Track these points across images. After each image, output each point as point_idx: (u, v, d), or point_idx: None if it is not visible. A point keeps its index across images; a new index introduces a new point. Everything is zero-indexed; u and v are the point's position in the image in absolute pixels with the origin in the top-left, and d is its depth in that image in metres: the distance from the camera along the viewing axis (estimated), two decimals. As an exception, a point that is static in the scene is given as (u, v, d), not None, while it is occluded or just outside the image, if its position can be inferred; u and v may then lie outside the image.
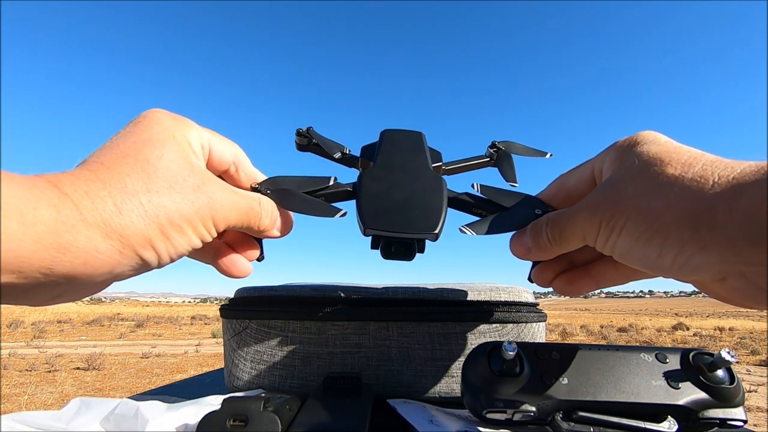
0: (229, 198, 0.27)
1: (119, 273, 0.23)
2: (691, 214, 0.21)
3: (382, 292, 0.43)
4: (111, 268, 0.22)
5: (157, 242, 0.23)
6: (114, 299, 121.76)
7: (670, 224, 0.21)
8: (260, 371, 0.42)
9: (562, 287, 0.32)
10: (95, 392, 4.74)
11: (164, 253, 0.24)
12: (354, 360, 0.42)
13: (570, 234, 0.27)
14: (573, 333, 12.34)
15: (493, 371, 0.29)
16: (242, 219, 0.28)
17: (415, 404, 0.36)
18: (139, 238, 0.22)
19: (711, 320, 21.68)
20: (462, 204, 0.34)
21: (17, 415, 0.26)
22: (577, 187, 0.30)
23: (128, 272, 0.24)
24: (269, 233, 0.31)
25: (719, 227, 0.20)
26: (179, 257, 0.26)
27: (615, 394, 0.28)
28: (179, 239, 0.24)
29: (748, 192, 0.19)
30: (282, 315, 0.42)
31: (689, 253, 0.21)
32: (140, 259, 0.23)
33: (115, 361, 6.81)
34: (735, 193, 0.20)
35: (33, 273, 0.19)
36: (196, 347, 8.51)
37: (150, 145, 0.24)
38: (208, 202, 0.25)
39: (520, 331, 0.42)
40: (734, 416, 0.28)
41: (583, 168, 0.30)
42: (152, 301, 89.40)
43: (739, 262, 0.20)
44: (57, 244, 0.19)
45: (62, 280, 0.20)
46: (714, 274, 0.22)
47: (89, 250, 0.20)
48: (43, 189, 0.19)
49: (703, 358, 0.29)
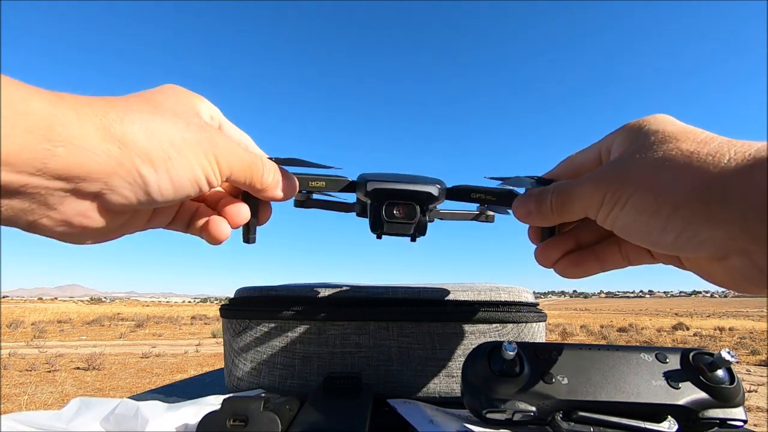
0: (234, 147, 0.26)
1: (117, 190, 0.22)
2: (703, 188, 0.20)
3: (382, 292, 0.43)
4: (108, 176, 0.21)
5: (158, 160, 0.22)
6: (114, 299, 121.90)
7: (680, 197, 0.21)
8: (260, 371, 0.42)
9: (567, 268, 0.31)
10: (95, 392, 4.74)
11: (164, 176, 0.23)
12: (354, 360, 0.42)
13: (573, 203, 0.27)
14: (573, 333, 12.33)
15: (493, 371, 0.29)
16: (245, 171, 0.27)
17: (415, 404, 0.36)
18: (139, 150, 0.22)
19: (711, 320, 21.68)
20: (462, 192, 0.34)
21: (17, 415, 0.26)
22: (584, 164, 0.30)
23: (126, 193, 0.22)
24: (271, 192, 0.30)
25: (731, 202, 0.19)
26: (181, 193, 0.24)
27: (615, 394, 0.28)
28: (181, 163, 0.23)
29: (763, 168, 0.19)
30: (282, 315, 0.42)
31: (696, 228, 0.21)
32: (138, 175, 0.22)
33: (115, 361, 6.81)
34: (750, 169, 0.19)
35: (26, 167, 0.18)
36: (196, 347, 8.51)
37: (158, 93, 0.25)
38: (212, 141, 0.25)
39: (520, 331, 0.42)
40: (734, 416, 0.28)
41: (591, 148, 0.30)
42: (152, 301, 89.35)
43: (747, 238, 0.20)
44: (50, 135, 0.19)
45: (58, 182, 0.20)
46: (716, 251, 0.21)
47: (85, 148, 0.20)
48: (39, 90, 0.19)
49: (703, 358, 0.29)
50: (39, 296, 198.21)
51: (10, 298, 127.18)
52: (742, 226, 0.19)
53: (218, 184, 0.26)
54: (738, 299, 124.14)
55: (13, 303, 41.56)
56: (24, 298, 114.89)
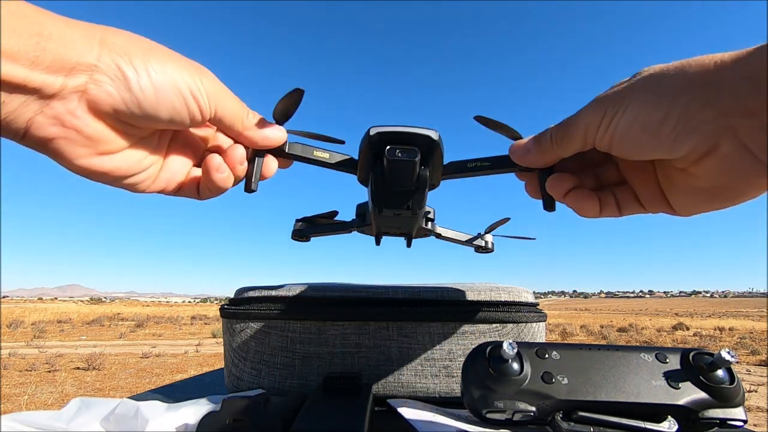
0: (222, 86, 0.28)
1: (100, 84, 0.23)
2: (701, 77, 0.22)
3: (382, 291, 0.43)
4: (90, 69, 0.23)
5: (138, 61, 0.24)
6: (114, 299, 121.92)
7: (681, 86, 0.23)
8: (260, 371, 0.42)
9: (583, 201, 0.31)
10: (95, 392, 4.73)
11: (145, 75, 0.24)
12: (354, 360, 0.42)
13: (573, 132, 0.28)
14: (573, 333, 12.33)
15: (493, 371, 0.29)
16: (231, 109, 0.29)
17: (415, 404, 0.36)
18: (119, 50, 0.24)
19: (711, 320, 21.68)
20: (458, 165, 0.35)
21: (17, 415, 0.26)
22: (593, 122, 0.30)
23: (109, 89, 0.24)
24: (253, 134, 0.31)
25: (725, 83, 0.22)
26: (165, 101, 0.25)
27: (615, 394, 0.28)
28: (164, 69, 0.25)
29: (755, 54, 0.21)
30: (282, 315, 0.42)
31: (692, 112, 0.22)
32: (119, 69, 0.23)
33: (115, 361, 6.81)
34: (743, 58, 0.21)
35: (22, 59, 0.21)
36: (196, 347, 8.51)
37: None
38: (201, 69, 0.27)
39: (520, 331, 0.42)
40: (734, 416, 0.28)
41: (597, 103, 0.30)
42: (152, 301, 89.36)
43: (739, 112, 0.21)
44: (39, 31, 0.21)
45: (50, 76, 0.22)
46: (708, 137, 0.23)
47: (69, 44, 0.22)
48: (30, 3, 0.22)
49: (703, 358, 0.29)
50: (39, 296, 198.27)
51: (10, 298, 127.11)
52: (735, 99, 0.21)
53: (208, 112, 0.28)
54: (738, 299, 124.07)
55: (13, 303, 41.56)
56: (24, 298, 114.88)
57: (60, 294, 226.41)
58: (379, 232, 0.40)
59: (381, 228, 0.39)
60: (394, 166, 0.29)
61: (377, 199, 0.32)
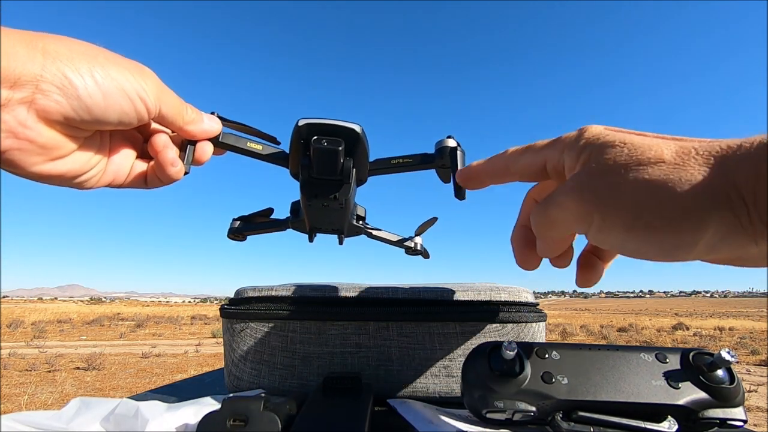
0: (164, 85, 0.29)
1: (48, 94, 0.24)
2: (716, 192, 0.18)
3: (382, 291, 0.43)
4: (36, 79, 0.23)
5: (83, 67, 0.24)
6: (114, 299, 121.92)
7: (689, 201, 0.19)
8: (260, 371, 0.42)
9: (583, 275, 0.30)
10: (95, 392, 4.73)
11: (90, 80, 0.25)
12: (354, 360, 0.42)
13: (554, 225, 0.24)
14: (573, 333, 12.33)
15: (493, 371, 0.29)
16: (173, 107, 0.30)
17: (415, 404, 0.37)
18: (63, 57, 0.24)
19: (711, 320, 21.68)
20: (381, 163, 0.37)
21: (17, 415, 0.26)
22: (524, 172, 0.27)
23: (57, 97, 0.24)
24: (192, 128, 0.32)
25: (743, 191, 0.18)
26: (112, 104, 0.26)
27: (615, 394, 0.28)
28: (108, 73, 0.25)
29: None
30: (282, 315, 0.42)
31: (722, 233, 0.19)
32: (64, 77, 0.24)
33: (115, 361, 6.81)
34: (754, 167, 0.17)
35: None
36: (196, 347, 8.51)
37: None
38: (143, 70, 0.28)
39: (520, 331, 0.42)
40: (734, 416, 0.28)
41: (535, 155, 0.27)
42: (152, 301, 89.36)
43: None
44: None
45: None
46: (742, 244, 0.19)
47: (12, 55, 0.22)
48: None
49: (703, 358, 0.29)
50: (39, 296, 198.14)
51: (10, 298, 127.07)
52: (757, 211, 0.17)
53: (154, 111, 0.29)
54: (738, 299, 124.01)
55: (13, 303, 41.53)
56: (24, 298, 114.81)
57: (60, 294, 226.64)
58: (312, 228, 0.42)
59: (313, 224, 0.40)
60: (319, 155, 0.31)
61: (305, 188, 0.34)
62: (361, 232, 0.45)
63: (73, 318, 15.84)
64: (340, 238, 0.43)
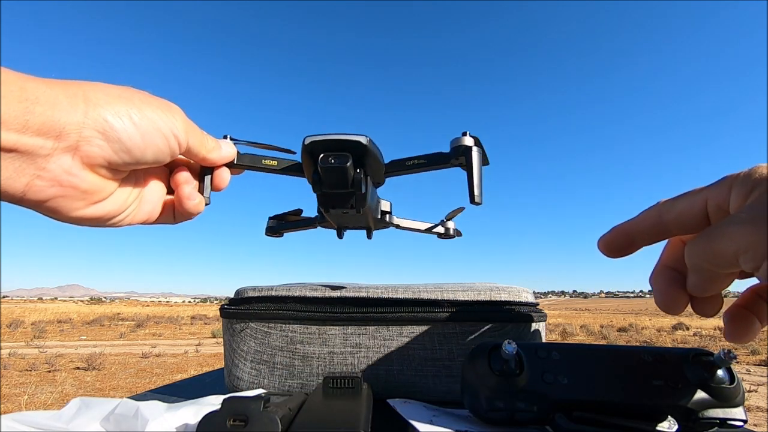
0: (188, 119, 0.31)
1: (90, 140, 0.24)
2: None
3: (382, 291, 0.43)
4: (79, 127, 0.24)
5: (122, 111, 0.25)
6: (114, 299, 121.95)
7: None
8: (260, 371, 0.42)
9: (732, 331, 0.27)
10: (95, 392, 4.73)
11: (129, 123, 0.26)
12: (354, 360, 0.42)
13: (720, 252, 0.22)
14: (573, 333, 12.33)
15: (493, 371, 0.29)
16: (197, 139, 0.32)
17: (415, 404, 0.37)
18: (103, 103, 0.25)
19: (711, 320, 21.69)
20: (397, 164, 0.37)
21: (17, 415, 0.26)
22: (681, 220, 0.26)
23: (99, 143, 0.25)
24: (214, 157, 0.34)
25: None
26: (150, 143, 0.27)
27: (615, 394, 0.28)
28: (144, 114, 0.27)
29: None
30: (282, 315, 0.42)
31: None
32: (105, 122, 0.25)
33: (115, 361, 6.81)
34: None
35: (13, 124, 0.21)
36: (196, 347, 8.51)
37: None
38: (173, 108, 0.29)
39: (520, 331, 0.42)
40: (734, 416, 0.28)
41: (692, 198, 0.25)
42: (152, 301, 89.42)
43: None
44: (24, 96, 0.22)
45: (41, 139, 0.23)
46: None
47: (56, 104, 0.23)
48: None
49: (703, 358, 0.29)
50: (39, 296, 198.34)
51: (10, 298, 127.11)
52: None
53: (184, 144, 0.30)
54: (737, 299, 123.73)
55: (13, 303, 41.55)
56: (24, 298, 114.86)
57: (60, 294, 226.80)
58: (339, 227, 0.43)
59: (339, 223, 0.41)
60: (328, 173, 0.32)
61: (321, 201, 0.35)
62: (389, 225, 0.46)
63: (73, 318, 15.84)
64: (368, 233, 0.44)
